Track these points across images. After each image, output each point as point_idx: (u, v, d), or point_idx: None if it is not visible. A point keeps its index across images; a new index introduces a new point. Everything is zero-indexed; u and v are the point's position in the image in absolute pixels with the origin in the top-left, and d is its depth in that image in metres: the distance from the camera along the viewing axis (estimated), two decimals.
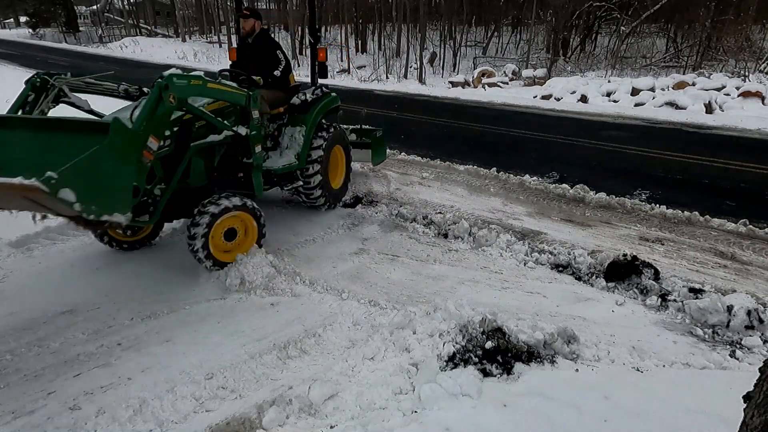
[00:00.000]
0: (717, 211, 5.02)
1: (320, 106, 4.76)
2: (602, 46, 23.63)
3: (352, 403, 2.40)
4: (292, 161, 4.49)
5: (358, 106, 6.93)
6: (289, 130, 4.64)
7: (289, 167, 4.45)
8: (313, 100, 4.76)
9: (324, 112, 4.85)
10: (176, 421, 2.34)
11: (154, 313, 3.27)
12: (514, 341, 2.70)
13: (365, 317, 3.18)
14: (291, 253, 4.17)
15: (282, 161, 4.46)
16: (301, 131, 4.59)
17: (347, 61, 23.77)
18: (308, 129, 4.59)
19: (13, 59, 23.02)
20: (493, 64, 21.06)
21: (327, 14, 33.09)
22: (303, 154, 4.55)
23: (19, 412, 2.41)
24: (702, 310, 3.20)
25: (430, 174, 6.46)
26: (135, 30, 38.64)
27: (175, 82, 3.10)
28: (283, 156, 4.54)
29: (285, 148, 4.60)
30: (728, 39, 19.25)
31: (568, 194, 5.61)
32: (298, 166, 4.53)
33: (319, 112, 4.74)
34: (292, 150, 4.56)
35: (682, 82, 13.04)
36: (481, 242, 4.36)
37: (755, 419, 1.35)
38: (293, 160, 4.50)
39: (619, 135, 9.02)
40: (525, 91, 15.25)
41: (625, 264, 3.74)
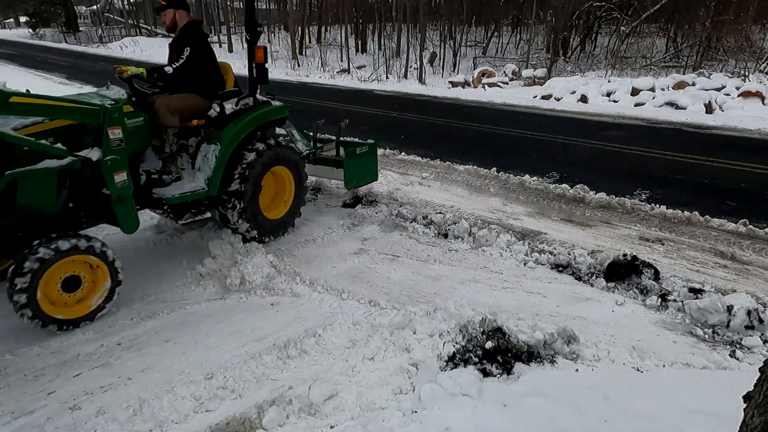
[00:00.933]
0: (717, 211, 5.02)
1: (248, 120, 3.91)
2: (602, 46, 23.62)
3: (352, 403, 2.40)
4: (199, 188, 3.68)
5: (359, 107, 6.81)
6: (204, 148, 3.82)
7: (192, 195, 3.63)
8: (235, 112, 3.91)
9: (254, 127, 4.00)
10: (176, 421, 2.34)
11: (154, 313, 3.27)
12: (514, 341, 2.70)
13: (365, 317, 3.18)
14: (291, 253, 4.17)
15: (188, 187, 3.68)
16: (215, 150, 3.73)
17: (347, 61, 23.77)
18: (224, 148, 3.73)
19: (13, 59, 23.03)
20: (493, 64, 21.05)
21: (327, 14, 33.09)
22: (215, 179, 3.71)
23: (19, 412, 2.41)
24: (702, 310, 3.20)
25: (430, 174, 6.45)
26: (135, 30, 38.61)
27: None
28: (195, 180, 3.77)
29: (198, 171, 3.80)
30: (728, 39, 19.25)
31: (568, 194, 5.61)
32: (206, 193, 3.69)
33: (245, 127, 3.89)
34: (203, 173, 3.75)
35: (682, 82, 13.03)
36: (481, 242, 4.36)
37: (755, 419, 1.34)
38: (201, 186, 3.70)
39: (619, 135, 9.02)
40: (525, 91, 15.24)
41: (625, 264, 3.74)
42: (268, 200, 4.35)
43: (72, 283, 3.02)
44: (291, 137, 4.92)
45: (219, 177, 3.76)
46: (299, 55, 26.80)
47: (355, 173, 5.04)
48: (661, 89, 12.78)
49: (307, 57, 27.35)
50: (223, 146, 3.73)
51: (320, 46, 28.46)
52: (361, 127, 9.79)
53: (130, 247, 4.18)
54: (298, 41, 27.77)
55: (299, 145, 4.90)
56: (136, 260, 3.97)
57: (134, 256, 4.05)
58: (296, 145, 4.82)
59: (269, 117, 4.16)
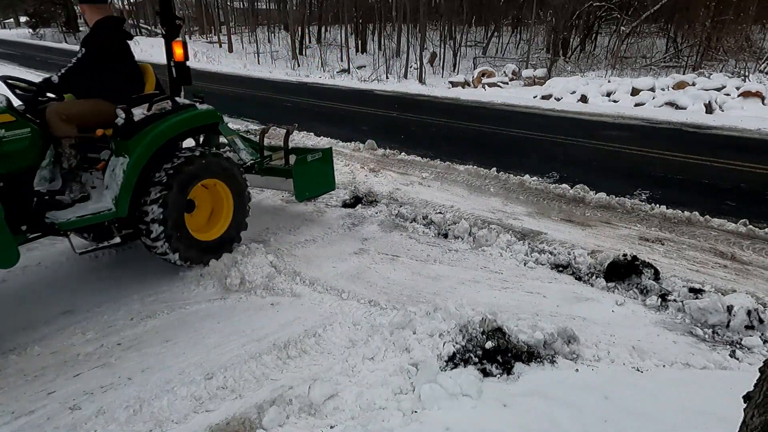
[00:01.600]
0: (717, 211, 5.02)
1: (163, 127, 3.38)
2: (602, 46, 23.63)
3: (352, 403, 2.40)
4: (104, 209, 3.15)
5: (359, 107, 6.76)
6: (112, 162, 3.27)
7: (94, 218, 3.09)
8: (147, 118, 3.36)
9: (174, 134, 3.50)
10: (176, 421, 2.34)
11: (154, 313, 3.27)
12: (514, 341, 2.70)
13: (365, 317, 3.18)
14: (291, 253, 4.17)
15: (91, 208, 3.14)
16: (123, 164, 3.20)
17: (347, 61, 23.77)
18: (133, 161, 3.19)
19: (13, 59, 23.03)
20: (493, 64, 21.06)
21: (327, 14, 33.09)
22: (123, 198, 3.17)
23: (19, 412, 2.41)
24: (702, 310, 3.20)
25: (430, 174, 6.45)
26: (135, 30, 38.63)
27: None
28: (101, 200, 3.21)
29: (105, 189, 3.27)
30: (728, 39, 19.26)
31: (568, 194, 5.61)
32: (113, 215, 3.16)
33: (160, 135, 3.36)
34: (110, 191, 3.22)
35: (682, 82, 13.04)
36: (481, 242, 4.36)
37: (755, 419, 1.34)
38: (108, 206, 3.16)
39: (619, 135, 9.02)
40: (525, 91, 15.25)
41: (625, 264, 3.74)
42: (204, 219, 3.87)
43: None
44: (233, 146, 4.34)
45: (128, 195, 3.20)
46: (299, 55, 26.82)
47: (306, 183, 4.46)
48: (661, 89, 12.80)
49: (307, 57, 27.37)
50: (132, 159, 3.19)
51: (320, 46, 28.47)
52: (362, 127, 9.80)
53: (130, 246, 4.18)
54: (298, 41, 27.78)
55: (243, 155, 4.29)
56: (136, 260, 3.97)
57: (134, 256, 4.05)
58: (240, 154, 4.28)
59: (194, 123, 3.63)
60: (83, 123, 3.18)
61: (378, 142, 7.69)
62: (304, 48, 28.71)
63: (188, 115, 3.59)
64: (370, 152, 7.48)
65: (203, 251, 3.70)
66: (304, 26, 30.27)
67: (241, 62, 25.73)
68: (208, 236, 3.77)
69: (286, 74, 21.34)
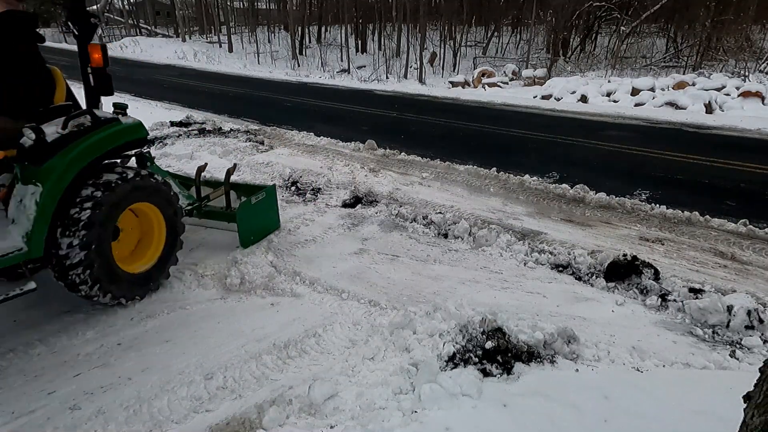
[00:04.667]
0: (717, 211, 5.02)
1: (83, 147, 2.85)
2: (602, 46, 23.64)
3: (352, 403, 2.40)
4: (13, 249, 2.59)
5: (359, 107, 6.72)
6: (18, 190, 2.71)
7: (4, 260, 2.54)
8: (64, 137, 2.80)
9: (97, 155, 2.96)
10: (176, 421, 2.35)
11: (154, 313, 3.27)
12: (514, 341, 2.70)
13: (365, 317, 3.18)
14: (291, 253, 4.17)
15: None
16: (35, 194, 2.66)
17: (347, 61, 23.77)
18: (48, 189, 2.67)
19: None
20: (493, 64, 21.07)
21: (327, 14, 33.10)
22: (37, 235, 2.65)
23: (19, 412, 2.41)
24: (702, 310, 3.20)
25: (430, 174, 6.45)
26: (135, 30, 38.64)
27: None
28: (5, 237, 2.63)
29: (11, 223, 2.68)
30: (728, 39, 19.26)
31: (568, 194, 5.61)
32: (25, 255, 2.62)
33: (80, 157, 2.83)
34: (19, 227, 2.65)
35: (682, 82, 13.04)
36: (481, 242, 4.36)
37: (755, 419, 1.34)
38: (17, 245, 2.61)
39: (619, 135, 9.02)
40: (525, 91, 15.25)
41: (625, 264, 3.74)
42: (130, 247, 3.38)
43: None
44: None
45: (44, 231, 2.68)
46: (299, 55, 26.81)
47: (252, 227, 4.09)
48: (661, 89, 12.80)
49: (307, 57, 27.37)
50: (47, 187, 2.66)
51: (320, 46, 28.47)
52: (362, 127, 9.80)
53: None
54: (298, 41, 27.78)
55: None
56: None
57: None
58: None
59: (118, 140, 3.09)
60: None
61: (378, 142, 7.69)
62: (304, 48, 28.72)
63: (111, 131, 3.05)
64: (370, 152, 7.48)
65: (132, 285, 3.22)
66: (304, 26, 30.27)
67: (241, 62, 25.73)
68: (135, 268, 3.29)
69: (286, 74, 21.34)
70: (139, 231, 3.43)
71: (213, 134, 8.53)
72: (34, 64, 2.95)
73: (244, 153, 7.08)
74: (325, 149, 7.66)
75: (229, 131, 8.70)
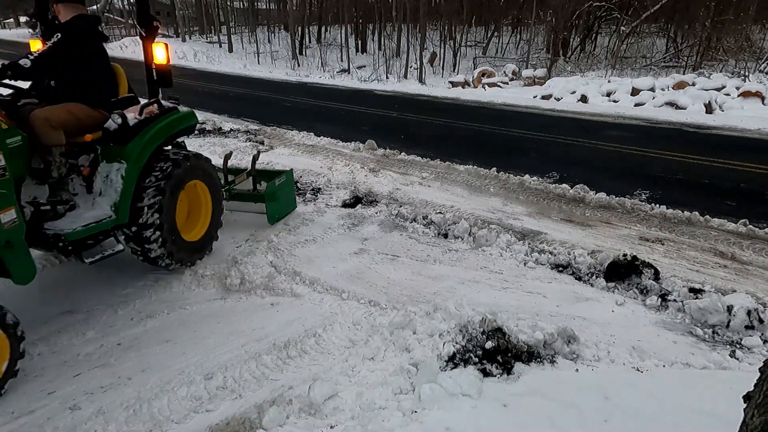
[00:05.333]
0: (717, 211, 5.02)
1: (155, 130, 3.37)
2: (602, 46, 23.64)
3: (352, 403, 2.40)
4: (105, 216, 3.05)
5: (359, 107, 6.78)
6: (103, 168, 3.17)
7: (97, 226, 3.00)
8: (141, 122, 3.32)
9: (166, 138, 3.50)
10: (176, 421, 2.34)
11: (154, 313, 3.27)
12: (514, 341, 2.70)
13: (365, 317, 3.18)
14: (291, 253, 4.17)
15: (89, 217, 3.00)
16: (120, 170, 3.13)
17: (347, 61, 23.77)
18: (131, 166, 3.16)
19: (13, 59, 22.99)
20: (493, 64, 21.07)
21: (327, 14, 33.10)
22: (124, 204, 3.12)
23: (19, 412, 2.41)
24: (702, 310, 3.20)
25: (430, 174, 6.45)
26: (135, 30, 38.65)
27: None
28: (95, 207, 3.09)
29: (98, 196, 3.13)
30: (728, 39, 19.27)
31: (568, 194, 5.61)
32: (114, 222, 3.09)
33: (153, 139, 3.35)
34: (107, 198, 3.11)
35: (682, 82, 13.04)
36: (481, 242, 4.36)
37: (755, 419, 1.34)
38: (107, 213, 3.07)
39: (619, 135, 9.02)
40: (525, 91, 15.25)
41: (625, 264, 3.74)
42: (183, 220, 3.77)
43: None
44: None
45: (128, 201, 3.17)
46: (299, 55, 26.81)
47: (277, 206, 4.69)
48: (661, 89, 12.80)
49: (307, 57, 27.36)
50: (131, 164, 3.16)
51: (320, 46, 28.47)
52: (362, 127, 9.80)
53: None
54: (298, 41, 27.78)
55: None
56: (136, 260, 3.97)
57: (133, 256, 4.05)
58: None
59: (179, 125, 3.62)
60: (68, 129, 2.99)
61: (378, 142, 7.69)
62: (304, 48, 28.71)
63: (174, 117, 3.58)
64: (370, 152, 7.48)
65: (191, 252, 3.74)
66: (304, 26, 30.27)
67: (241, 62, 25.73)
68: (192, 237, 3.77)
69: (286, 74, 21.34)
70: (189, 206, 3.85)
71: (213, 134, 8.54)
72: (103, 61, 3.37)
73: (245, 153, 7.08)
74: (325, 149, 7.67)
75: (229, 131, 8.71)
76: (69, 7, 3.22)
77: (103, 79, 3.39)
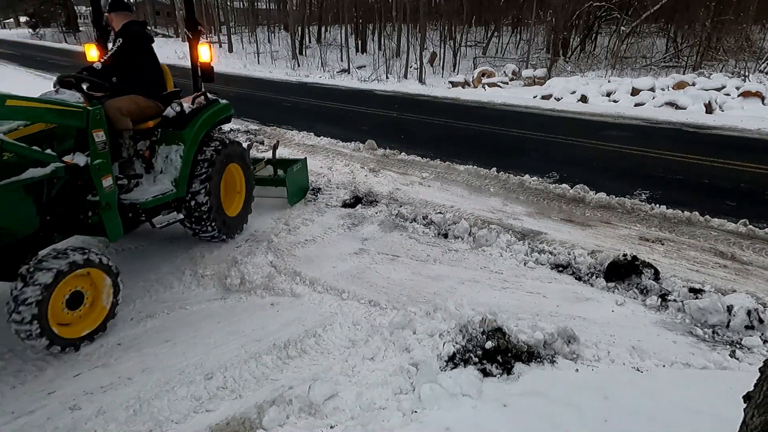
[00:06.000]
0: (717, 211, 5.02)
1: (204, 118, 3.93)
2: (602, 46, 23.63)
3: (352, 403, 2.40)
4: (168, 189, 3.60)
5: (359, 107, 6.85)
6: (163, 149, 3.72)
7: (162, 198, 3.54)
8: (194, 110, 3.91)
9: (211, 125, 4.05)
10: (176, 421, 2.35)
11: (154, 313, 3.27)
12: (514, 341, 2.70)
13: (365, 317, 3.18)
14: (291, 253, 4.17)
15: (154, 190, 3.56)
16: (178, 151, 3.69)
17: (347, 61, 23.77)
18: (188, 147, 3.72)
19: (13, 59, 23.04)
20: (493, 64, 21.07)
21: (327, 14, 33.09)
22: (182, 180, 3.68)
23: (19, 412, 2.41)
24: (702, 310, 3.20)
25: (430, 174, 6.45)
26: None
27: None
28: (157, 183, 3.66)
29: (159, 173, 3.69)
30: (728, 39, 19.26)
31: (568, 194, 5.61)
32: (175, 194, 3.65)
33: (203, 125, 3.91)
34: (168, 175, 3.68)
35: (682, 82, 13.04)
36: (481, 242, 4.36)
37: (755, 419, 1.34)
38: (169, 187, 3.62)
39: (619, 135, 9.02)
40: (525, 91, 15.24)
41: (625, 264, 3.74)
42: (222, 197, 4.22)
43: (75, 300, 2.82)
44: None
45: (186, 177, 3.73)
46: (299, 55, 26.80)
47: (296, 189, 5.27)
48: (661, 89, 12.79)
49: (307, 57, 27.35)
50: (187, 146, 3.73)
51: (320, 46, 28.47)
52: (362, 127, 9.80)
53: (130, 246, 4.18)
54: (298, 41, 27.77)
55: None
56: (136, 260, 3.97)
57: (133, 256, 4.05)
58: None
59: (221, 115, 4.19)
60: (133, 117, 3.50)
61: (378, 142, 7.69)
62: (304, 48, 28.70)
63: (217, 108, 4.14)
64: (370, 152, 7.48)
65: (230, 227, 4.27)
66: (304, 26, 30.26)
67: (241, 62, 25.72)
68: (231, 212, 4.32)
69: (286, 74, 21.34)
70: (225, 186, 4.27)
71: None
72: (154, 60, 3.87)
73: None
74: (325, 149, 7.67)
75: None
76: (121, 15, 3.77)
77: (155, 75, 3.90)
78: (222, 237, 4.15)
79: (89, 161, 3.00)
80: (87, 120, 2.96)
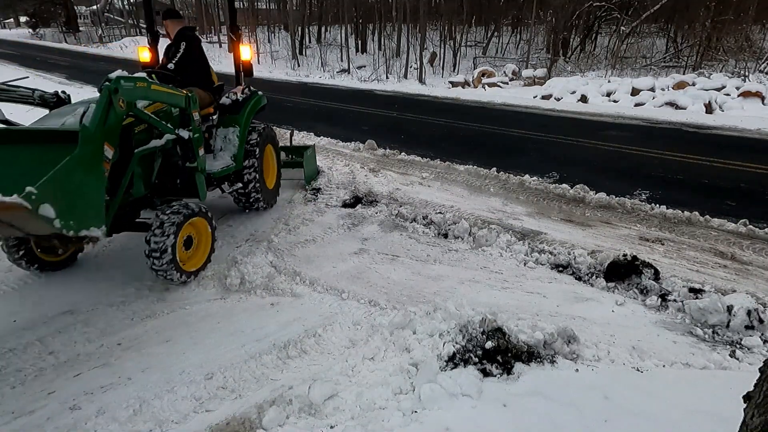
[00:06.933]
0: (717, 211, 5.02)
1: (251, 105, 4.71)
2: (602, 46, 23.62)
3: (352, 403, 2.40)
4: (229, 163, 4.39)
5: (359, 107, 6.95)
6: (221, 131, 4.53)
7: (227, 169, 4.35)
8: (244, 99, 4.68)
9: (255, 111, 4.80)
10: (176, 421, 2.35)
11: (154, 313, 3.27)
12: (514, 341, 2.70)
13: (365, 317, 3.18)
14: (291, 253, 4.17)
15: (219, 164, 4.34)
16: (235, 132, 4.50)
17: (347, 61, 23.77)
18: (242, 129, 4.52)
19: (13, 59, 23.04)
20: (493, 64, 21.07)
21: (327, 14, 33.08)
22: (239, 156, 4.49)
23: (19, 412, 2.41)
24: (702, 310, 3.20)
25: (430, 174, 6.45)
26: (135, 30, 38.62)
27: (123, 84, 2.89)
28: (218, 158, 4.41)
29: (219, 151, 4.48)
30: (728, 39, 19.26)
31: (568, 194, 5.61)
32: (235, 167, 4.46)
33: (250, 112, 4.68)
34: (227, 152, 4.46)
35: (682, 82, 13.03)
36: (481, 242, 4.36)
37: (755, 419, 1.35)
38: (230, 162, 4.41)
39: (619, 135, 9.02)
40: (525, 91, 15.24)
41: (625, 264, 3.74)
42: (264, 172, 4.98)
43: (187, 243, 3.60)
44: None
45: (242, 153, 4.53)
46: (299, 55, 26.78)
47: (311, 171, 6.03)
48: (661, 89, 12.79)
49: (307, 57, 27.34)
50: (241, 128, 4.52)
51: (320, 46, 28.47)
52: (362, 127, 9.80)
53: (131, 246, 4.18)
54: (298, 41, 27.76)
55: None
56: (136, 260, 3.97)
57: (134, 256, 4.05)
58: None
59: (260, 104, 4.93)
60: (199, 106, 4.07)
61: (378, 142, 7.70)
62: (304, 48, 28.68)
63: (257, 98, 4.89)
64: (370, 152, 7.48)
65: (270, 196, 5.06)
66: (304, 26, 30.25)
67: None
68: (269, 185, 5.09)
69: (286, 74, 21.33)
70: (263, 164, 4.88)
71: None
72: (205, 59, 4.60)
73: None
74: (325, 149, 7.66)
75: None
76: (175, 22, 4.50)
77: (207, 72, 4.60)
78: (264, 205, 4.90)
79: (191, 135, 3.74)
80: (189, 103, 3.71)
